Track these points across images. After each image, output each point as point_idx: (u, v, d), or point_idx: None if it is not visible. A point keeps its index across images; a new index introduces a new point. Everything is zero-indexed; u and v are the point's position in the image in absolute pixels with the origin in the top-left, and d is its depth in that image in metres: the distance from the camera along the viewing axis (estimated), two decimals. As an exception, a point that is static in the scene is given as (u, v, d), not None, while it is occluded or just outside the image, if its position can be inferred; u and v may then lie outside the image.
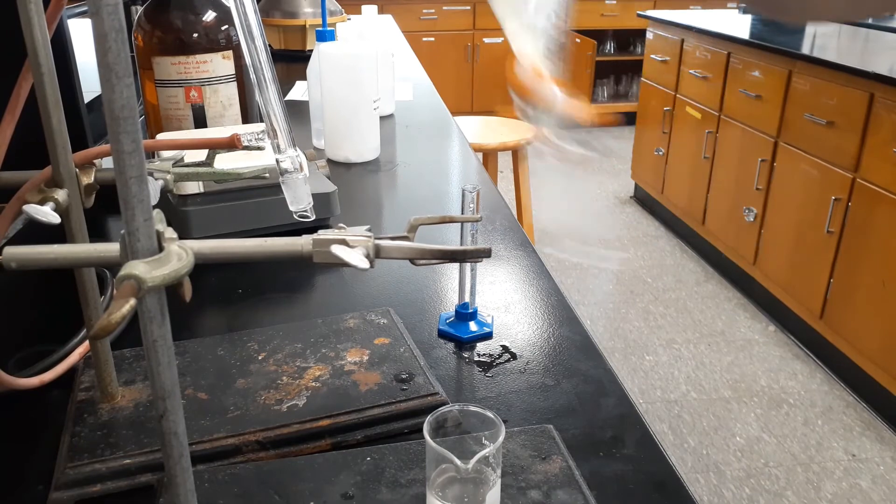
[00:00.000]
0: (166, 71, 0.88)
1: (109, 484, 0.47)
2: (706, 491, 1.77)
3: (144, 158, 0.27)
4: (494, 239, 0.86)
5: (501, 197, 1.00)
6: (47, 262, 0.32)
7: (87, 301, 0.50)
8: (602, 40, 4.85)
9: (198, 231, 0.77)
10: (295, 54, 1.95)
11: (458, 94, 4.71)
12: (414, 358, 0.58)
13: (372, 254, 0.34)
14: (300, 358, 0.58)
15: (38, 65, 0.43)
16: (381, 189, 1.07)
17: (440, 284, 0.75)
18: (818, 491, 1.77)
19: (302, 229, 0.40)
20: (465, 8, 4.63)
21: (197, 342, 0.60)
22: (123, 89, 0.25)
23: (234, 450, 0.49)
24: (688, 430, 1.99)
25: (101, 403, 0.52)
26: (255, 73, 0.52)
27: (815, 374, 2.24)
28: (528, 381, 0.59)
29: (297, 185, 0.55)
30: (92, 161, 0.48)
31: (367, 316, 0.64)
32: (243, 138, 0.51)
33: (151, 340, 0.29)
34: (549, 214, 3.30)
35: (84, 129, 0.90)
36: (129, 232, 0.27)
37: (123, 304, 0.26)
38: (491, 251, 0.37)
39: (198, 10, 0.89)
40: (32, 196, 0.44)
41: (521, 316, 0.69)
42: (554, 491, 0.45)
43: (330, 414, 0.52)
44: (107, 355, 0.52)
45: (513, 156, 2.55)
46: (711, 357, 2.32)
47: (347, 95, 1.09)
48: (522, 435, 0.50)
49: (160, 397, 0.31)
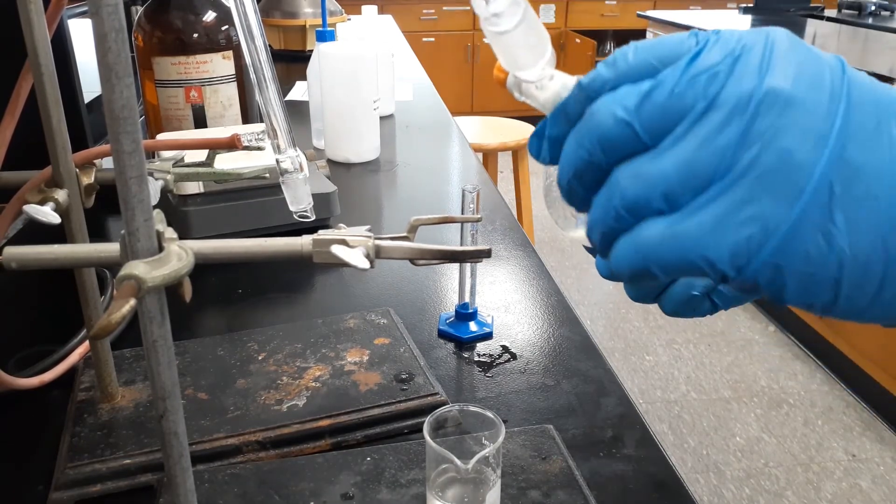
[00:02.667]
0: (166, 71, 0.88)
1: (109, 484, 0.47)
2: (706, 491, 1.77)
3: (144, 158, 0.27)
4: (494, 239, 0.86)
5: (501, 197, 1.00)
6: (47, 262, 0.32)
7: (87, 301, 0.50)
8: (602, 40, 4.84)
9: (198, 231, 0.77)
10: (295, 54, 1.95)
11: (458, 94, 4.70)
12: (414, 358, 0.58)
13: (372, 254, 0.34)
14: (300, 358, 0.58)
15: (38, 65, 0.43)
16: (381, 189, 1.07)
17: (440, 284, 0.75)
18: (818, 491, 1.77)
19: (302, 229, 0.40)
20: (465, 8, 4.62)
21: (197, 342, 0.60)
22: (123, 89, 0.25)
23: (234, 450, 0.49)
24: (688, 430, 1.99)
25: (101, 403, 0.52)
26: (255, 73, 0.52)
27: (815, 374, 2.24)
28: (528, 381, 0.59)
29: (297, 186, 0.55)
30: (92, 161, 0.48)
31: (367, 316, 0.64)
32: (243, 138, 0.51)
33: (151, 340, 0.29)
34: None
35: (84, 129, 0.90)
36: (129, 232, 0.27)
37: (123, 304, 0.26)
38: (491, 251, 0.37)
39: (198, 10, 0.89)
40: (32, 196, 0.44)
41: (521, 316, 0.69)
42: (554, 491, 0.45)
43: (330, 414, 0.52)
44: (107, 355, 0.52)
45: (513, 156, 2.55)
46: (711, 357, 2.32)
47: (347, 96, 1.09)
48: (522, 435, 0.50)
49: (160, 397, 0.31)
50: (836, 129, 0.24)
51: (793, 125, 0.24)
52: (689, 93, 0.25)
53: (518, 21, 0.28)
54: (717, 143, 0.25)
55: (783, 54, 0.25)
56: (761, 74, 0.25)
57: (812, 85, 0.25)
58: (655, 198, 0.26)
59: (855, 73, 0.26)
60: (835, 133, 0.24)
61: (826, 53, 0.26)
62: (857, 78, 0.26)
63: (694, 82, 0.25)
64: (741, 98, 0.25)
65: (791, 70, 0.25)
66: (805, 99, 0.24)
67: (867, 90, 0.25)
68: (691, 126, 0.25)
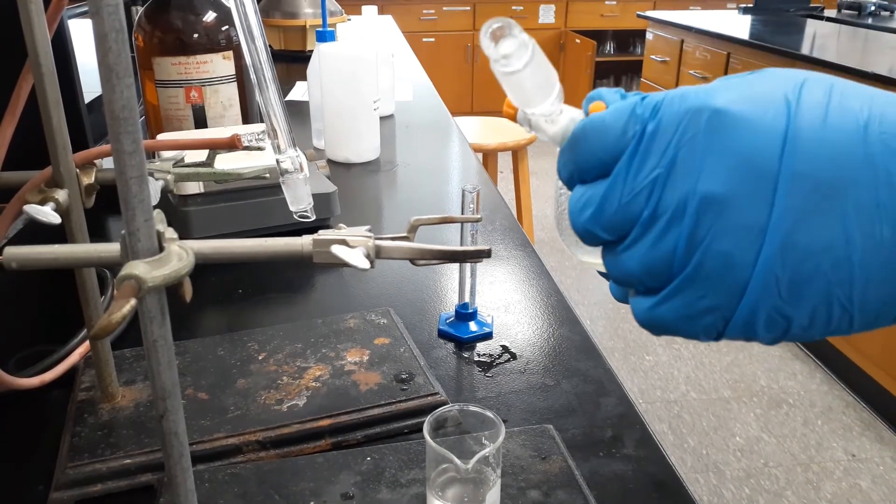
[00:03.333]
0: (166, 71, 0.88)
1: (110, 484, 0.47)
2: (706, 491, 1.77)
3: (145, 158, 0.27)
4: (494, 239, 0.86)
5: (501, 197, 1.00)
6: (48, 262, 0.32)
7: (88, 301, 0.50)
8: (602, 41, 4.84)
9: (198, 231, 0.77)
10: (295, 55, 1.95)
11: (458, 95, 4.70)
12: (414, 358, 0.58)
13: (372, 254, 0.34)
14: (300, 358, 0.58)
15: (39, 65, 0.43)
16: (381, 189, 1.07)
17: (440, 284, 0.75)
18: (818, 491, 1.77)
19: (302, 229, 0.40)
20: (465, 8, 4.63)
21: (197, 342, 0.60)
22: (124, 89, 0.25)
23: (235, 450, 0.49)
24: (687, 430, 1.99)
25: (102, 403, 0.52)
26: (256, 73, 0.52)
27: (815, 374, 2.24)
28: (528, 381, 0.59)
29: (297, 186, 0.55)
30: (92, 161, 0.48)
31: (367, 316, 0.64)
32: (243, 138, 0.51)
33: (152, 340, 0.29)
34: (553, 213, 3.30)
35: (84, 129, 0.90)
36: (129, 232, 0.27)
37: (124, 304, 0.26)
38: (491, 251, 0.37)
39: (198, 10, 0.89)
40: (33, 196, 0.44)
41: (521, 316, 0.69)
42: (554, 491, 0.45)
43: (330, 414, 0.52)
44: (107, 355, 0.52)
45: (513, 156, 2.55)
46: (711, 357, 2.32)
47: (347, 96, 1.09)
48: (522, 435, 0.50)
49: (160, 397, 0.31)
50: (774, 221, 0.25)
51: (729, 227, 0.26)
52: (634, 202, 0.27)
53: (527, 61, 0.28)
54: (663, 249, 0.27)
55: (718, 143, 0.26)
56: (694, 177, 0.26)
57: (747, 178, 0.25)
58: (634, 283, 0.29)
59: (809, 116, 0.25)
60: (772, 225, 0.25)
61: (782, 86, 0.26)
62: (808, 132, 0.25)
63: (637, 193, 0.27)
64: (678, 206, 0.26)
65: (725, 164, 0.26)
66: (739, 195, 0.25)
67: (820, 149, 0.25)
68: (642, 232, 0.27)
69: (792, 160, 0.25)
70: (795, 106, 0.25)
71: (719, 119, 0.26)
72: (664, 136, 0.27)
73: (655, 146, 0.27)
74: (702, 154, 0.26)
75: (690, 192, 0.26)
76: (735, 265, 0.26)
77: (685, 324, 0.28)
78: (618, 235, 0.28)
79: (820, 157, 0.25)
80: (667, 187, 0.26)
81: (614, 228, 0.28)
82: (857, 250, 0.25)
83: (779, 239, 0.25)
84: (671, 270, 0.27)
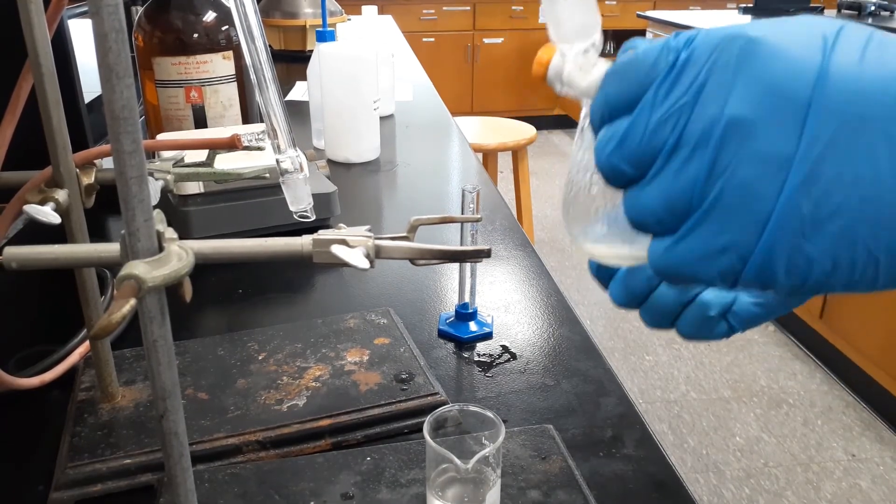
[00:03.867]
0: (166, 71, 0.88)
1: (109, 484, 0.47)
2: (706, 491, 1.77)
3: (145, 158, 0.27)
4: (494, 239, 0.86)
5: (501, 197, 1.00)
6: (47, 262, 0.32)
7: (88, 301, 0.50)
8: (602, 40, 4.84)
9: (198, 231, 0.77)
10: (295, 54, 1.95)
11: (458, 95, 4.70)
12: (414, 358, 0.58)
13: (372, 254, 0.34)
14: (300, 358, 0.58)
15: (39, 65, 0.43)
16: (381, 189, 1.07)
17: (440, 284, 0.75)
18: (818, 491, 1.77)
19: (302, 229, 0.40)
20: (465, 8, 4.63)
21: (197, 342, 0.60)
22: (124, 89, 0.25)
23: (235, 450, 0.49)
24: (687, 429, 1.99)
25: (102, 403, 0.52)
26: (256, 73, 0.53)
27: (815, 374, 2.24)
28: (528, 381, 0.59)
29: (297, 186, 0.55)
30: (92, 161, 0.48)
31: (367, 316, 0.64)
32: (243, 138, 0.51)
33: (152, 340, 0.29)
34: (553, 213, 3.30)
35: (84, 129, 0.90)
36: (129, 232, 0.28)
37: (124, 304, 0.26)
38: (491, 251, 0.37)
39: (198, 10, 0.89)
40: (33, 196, 0.44)
41: (521, 316, 0.69)
42: (554, 491, 0.45)
43: (330, 414, 0.52)
44: (107, 355, 0.52)
45: (513, 156, 2.55)
46: (711, 357, 2.32)
47: (347, 96, 1.09)
48: (522, 435, 0.50)
49: (160, 397, 0.31)
50: (801, 151, 0.24)
51: (752, 155, 0.25)
52: (659, 130, 0.26)
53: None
54: (685, 178, 0.26)
55: (750, 68, 0.25)
56: (722, 102, 0.25)
57: (777, 104, 0.24)
58: (651, 223, 0.27)
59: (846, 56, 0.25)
60: (800, 154, 0.24)
61: (820, 27, 0.25)
62: (843, 69, 0.24)
63: (663, 119, 0.26)
64: (703, 132, 0.25)
65: (756, 89, 0.25)
66: (767, 121, 0.24)
67: (854, 85, 0.24)
68: (665, 162, 0.26)
69: (824, 91, 0.24)
70: (832, 43, 0.25)
71: (754, 46, 0.25)
72: (696, 65, 0.26)
73: (685, 74, 0.26)
74: (731, 79, 0.25)
75: (717, 117, 0.25)
76: (757, 196, 0.25)
77: (702, 265, 0.26)
78: (641, 170, 0.27)
79: (853, 92, 0.24)
80: (693, 114, 0.25)
81: (638, 161, 0.27)
82: (886, 187, 0.24)
83: (805, 169, 0.24)
84: (691, 206, 0.26)
